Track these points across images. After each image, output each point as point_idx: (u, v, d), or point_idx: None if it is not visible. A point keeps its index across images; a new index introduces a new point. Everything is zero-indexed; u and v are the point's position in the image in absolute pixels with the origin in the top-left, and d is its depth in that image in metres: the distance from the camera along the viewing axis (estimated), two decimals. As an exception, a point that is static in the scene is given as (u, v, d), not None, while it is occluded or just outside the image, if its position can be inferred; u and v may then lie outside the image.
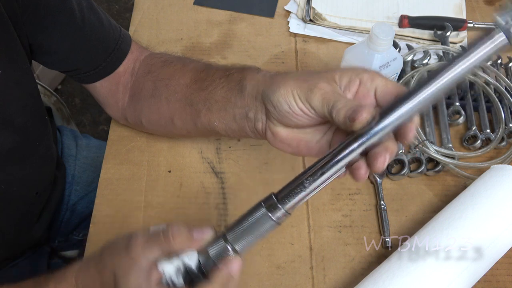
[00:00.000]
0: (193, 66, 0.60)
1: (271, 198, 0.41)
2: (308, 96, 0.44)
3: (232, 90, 0.53)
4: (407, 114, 0.39)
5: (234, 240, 0.42)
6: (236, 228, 0.42)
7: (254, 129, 0.51)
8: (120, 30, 0.64)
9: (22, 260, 0.76)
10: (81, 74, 0.62)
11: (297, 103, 0.45)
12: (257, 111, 0.50)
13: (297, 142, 0.48)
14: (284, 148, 0.50)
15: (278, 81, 0.47)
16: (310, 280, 0.59)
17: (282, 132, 0.48)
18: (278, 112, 0.46)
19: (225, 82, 0.54)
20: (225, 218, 0.63)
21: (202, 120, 0.57)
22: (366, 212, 0.65)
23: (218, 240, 0.42)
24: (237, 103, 0.52)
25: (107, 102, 0.67)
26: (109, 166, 0.68)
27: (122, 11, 1.98)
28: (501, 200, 0.57)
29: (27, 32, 0.55)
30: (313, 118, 0.45)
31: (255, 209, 0.42)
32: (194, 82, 0.58)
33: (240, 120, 0.52)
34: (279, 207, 0.41)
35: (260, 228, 0.41)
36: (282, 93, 0.45)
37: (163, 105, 0.61)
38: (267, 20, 0.87)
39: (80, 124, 1.70)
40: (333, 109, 0.42)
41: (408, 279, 0.52)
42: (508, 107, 0.73)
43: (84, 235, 0.80)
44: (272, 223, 0.41)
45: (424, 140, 0.68)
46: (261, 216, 0.41)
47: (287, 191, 0.41)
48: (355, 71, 0.44)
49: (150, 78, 0.62)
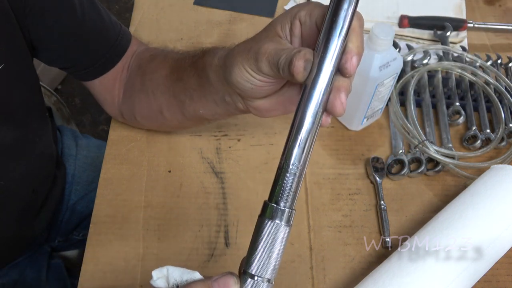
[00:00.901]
0: (171, 57, 0.60)
1: (266, 205, 0.37)
2: (258, 66, 0.42)
3: (201, 78, 0.52)
4: (337, 45, 0.36)
5: (259, 270, 0.37)
6: (253, 256, 0.37)
7: (237, 108, 0.51)
8: (120, 26, 0.64)
9: (22, 260, 0.76)
10: (81, 70, 0.63)
11: (253, 76, 0.43)
12: (231, 94, 0.49)
13: (282, 104, 0.47)
14: (273, 114, 0.49)
15: (230, 61, 0.45)
16: (310, 280, 0.59)
17: (262, 104, 0.48)
18: (245, 91, 0.45)
19: (194, 70, 0.54)
20: (225, 218, 0.63)
21: (188, 110, 0.57)
22: (366, 212, 0.65)
23: (244, 280, 0.37)
24: (211, 89, 0.52)
25: (105, 99, 0.67)
26: (109, 166, 0.68)
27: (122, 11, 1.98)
28: (501, 200, 0.57)
29: (29, 27, 0.55)
30: (276, 81, 0.44)
31: (259, 226, 0.37)
32: (172, 73, 0.58)
33: (221, 104, 0.52)
34: (280, 208, 0.37)
35: (276, 241, 0.37)
36: (237, 72, 0.44)
37: (151, 99, 0.61)
38: (267, 20, 0.87)
39: (80, 124, 1.70)
40: (279, 68, 0.40)
41: (408, 279, 0.52)
42: (508, 107, 0.73)
43: (84, 235, 0.80)
44: (284, 229, 0.37)
45: (424, 140, 0.68)
46: (268, 228, 0.37)
47: (277, 189, 0.37)
48: (292, 13, 0.42)
49: (139, 73, 0.63)
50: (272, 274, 0.37)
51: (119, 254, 0.60)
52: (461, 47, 0.82)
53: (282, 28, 0.43)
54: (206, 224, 0.63)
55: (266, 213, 0.37)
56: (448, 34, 0.83)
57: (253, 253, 0.37)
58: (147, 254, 0.60)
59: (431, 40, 0.85)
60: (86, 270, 0.59)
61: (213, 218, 0.64)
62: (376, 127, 0.73)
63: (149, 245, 0.61)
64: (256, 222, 0.38)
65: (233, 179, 0.67)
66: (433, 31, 0.85)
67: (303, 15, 0.41)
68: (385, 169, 0.68)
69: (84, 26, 0.59)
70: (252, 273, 0.37)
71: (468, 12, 0.89)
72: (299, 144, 0.37)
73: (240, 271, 0.38)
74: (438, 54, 0.81)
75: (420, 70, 0.75)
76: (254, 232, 0.37)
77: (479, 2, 0.93)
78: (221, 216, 0.64)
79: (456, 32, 0.85)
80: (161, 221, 0.63)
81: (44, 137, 0.68)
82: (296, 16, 0.41)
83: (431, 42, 0.85)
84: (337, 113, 0.38)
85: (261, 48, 0.42)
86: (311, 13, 0.41)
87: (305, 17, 0.41)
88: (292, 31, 0.42)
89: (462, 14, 0.88)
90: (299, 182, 0.37)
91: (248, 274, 0.37)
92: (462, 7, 0.90)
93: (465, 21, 0.85)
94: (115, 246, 0.61)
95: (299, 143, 0.37)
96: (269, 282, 0.37)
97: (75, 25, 0.58)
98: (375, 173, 0.67)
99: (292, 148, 0.37)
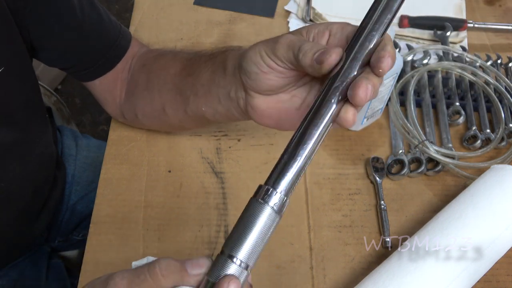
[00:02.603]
0: (182, 55, 0.61)
1: (260, 188, 0.35)
2: (273, 48, 0.43)
3: (216, 71, 0.53)
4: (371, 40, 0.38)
5: (233, 250, 0.33)
6: (233, 236, 0.34)
7: (238, 108, 0.51)
8: (120, 27, 0.65)
9: (22, 260, 0.76)
10: (81, 71, 0.63)
11: (264, 60, 0.44)
12: (237, 89, 0.50)
13: (277, 112, 0.48)
14: (267, 122, 0.49)
15: (249, 48, 0.47)
16: (310, 280, 0.59)
17: (260, 103, 0.48)
18: (249, 76, 0.46)
19: (210, 64, 0.54)
20: (225, 218, 0.63)
21: (191, 107, 0.57)
22: (366, 212, 0.65)
23: (218, 258, 0.34)
24: (220, 83, 0.52)
25: (105, 100, 0.67)
26: (109, 166, 0.68)
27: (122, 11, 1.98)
28: (501, 200, 0.57)
29: (29, 28, 0.55)
30: (283, 75, 0.44)
31: (248, 206, 0.35)
32: (183, 70, 0.59)
33: (224, 101, 0.52)
34: (272, 191, 0.35)
35: (259, 225, 0.34)
36: (251, 55, 0.45)
37: (156, 96, 0.61)
38: (267, 20, 0.87)
39: (80, 124, 1.70)
40: (299, 52, 0.41)
41: (408, 279, 0.52)
42: (508, 107, 0.73)
43: (84, 235, 0.80)
44: (270, 213, 0.34)
45: (424, 140, 0.68)
46: (255, 209, 0.34)
47: (276, 174, 0.36)
48: (323, 24, 0.44)
49: (144, 71, 0.63)
50: (247, 257, 0.34)
51: (119, 254, 0.60)
52: (461, 47, 0.82)
53: (307, 32, 0.44)
54: (206, 224, 0.63)
55: (258, 194, 0.35)
56: (448, 34, 0.83)
57: (243, 237, 0.34)
58: (147, 254, 0.60)
59: (431, 40, 0.85)
60: (86, 270, 0.59)
61: (213, 218, 0.64)
62: (376, 127, 0.73)
63: (149, 245, 0.61)
64: (248, 204, 0.35)
65: (233, 179, 0.67)
66: (433, 31, 0.85)
67: (335, 27, 0.43)
68: (385, 169, 0.68)
69: (83, 27, 0.59)
70: (226, 252, 0.34)
71: (468, 12, 0.89)
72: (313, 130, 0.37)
73: (225, 254, 0.34)
74: (438, 54, 0.81)
75: (420, 70, 0.75)
76: (247, 215, 0.34)
77: (479, 2, 0.93)
78: (221, 216, 0.64)
79: (456, 32, 0.85)
80: (161, 221, 0.63)
81: (44, 138, 0.68)
82: (327, 27, 0.43)
83: (431, 42, 0.85)
84: (359, 98, 0.37)
85: (283, 36, 0.43)
86: (343, 27, 0.43)
87: (336, 29, 0.43)
88: (318, 38, 0.43)
89: (462, 14, 0.88)
90: (300, 169, 0.36)
91: (223, 253, 0.34)
92: (462, 7, 0.90)
93: (465, 21, 0.85)
94: (115, 246, 0.61)
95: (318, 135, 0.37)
96: (244, 266, 0.34)
97: (75, 26, 0.58)
98: (375, 173, 0.67)
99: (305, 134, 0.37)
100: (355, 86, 0.37)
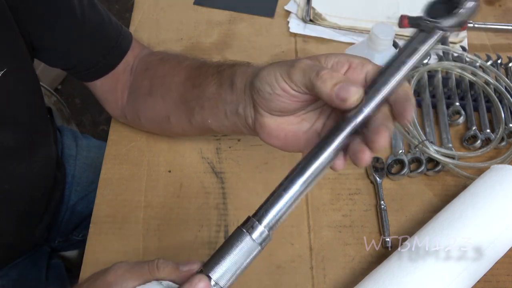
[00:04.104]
0: (188, 64, 0.60)
1: (248, 219, 0.38)
2: (289, 72, 0.43)
3: (223, 86, 0.53)
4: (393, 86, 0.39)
5: (210, 270, 0.37)
6: (214, 258, 0.38)
7: (246, 125, 0.51)
8: (121, 28, 0.64)
9: (22, 260, 0.76)
10: (81, 71, 0.63)
11: (278, 82, 0.44)
12: (246, 106, 0.50)
13: (284, 133, 0.48)
14: (273, 142, 0.49)
15: (263, 68, 0.46)
16: (310, 280, 0.59)
17: (269, 122, 0.48)
18: (262, 95, 0.46)
19: (217, 78, 0.54)
20: (225, 218, 0.63)
21: (196, 118, 0.57)
22: (366, 212, 0.65)
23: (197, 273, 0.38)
24: (227, 98, 0.52)
25: (106, 100, 0.67)
26: (109, 166, 0.68)
27: (122, 11, 1.98)
28: (501, 200, 0.57)
29: (29, 29, 0.55)
30: (296, 99, 0.44)
31: (233, 234, 0.38)
32: (188, 79, 0.58)
33: (231, 116, 0.52)
34: (256, 224, 0.37)
35: (238, 252, 0.37)
36: (264, 75, 0.45)
37: (159, 103, 0.61)
38: (267, 20, 0.87)
39: (80, 124, 1.70)
40: (317, 78, 0.40)
41: (408, 279, 0.52)
42: (508, 107, 0.73)
43: (84, 235, 0.80)
44: (251, 244, 0.37)
45: (424, 140, 0.68)
46: (237, 237, 0.37)
47: (264, 209, 0.38)
48: (343, 55, 0.43)
49: (147, 76, 0.63)
50: (220, 278, 0.38)
51: (119, 254, 0.60)
52: (461, 47, 0.82)
53: (326, 60, 0.43)
54: (206, 224, 0.63)
55: (245, 225, 0.38)
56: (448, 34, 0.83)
57: (216, 255, 0.38)
58: (147, 254, 0.60)
59: (431, 40, 0.85)
60: (86, 270, 0.59)
61: (213, 218, 0.64)
62: (376, 127, 0.73)
63: (149, 245, 0.61)
64: (234, 232, 0.38)
65: (233, 179, 0.67)
66: (433, 31, 0.84)
67: (356, 62, 0.42)
68: (385, 169, 0.68)
69: (84, 27, 0.59)
70: (213, 279, 0.37)
71: (468, 12, 0.89)
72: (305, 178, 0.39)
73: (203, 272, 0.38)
74: (438, 54, 0.81)
75: (420, 70, 0.75)
76: (230, 241, 0.38)
77: (479, 2, 0.93)
78: (221, 216, 0.64)
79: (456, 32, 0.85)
80: (161, 221, 0.63)
81: (45, 138, 0.68)
82: (348, 59, 0.43)
83: (431, 42, 0.85)
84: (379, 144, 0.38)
85: (299, 61, 0.43)
86: (364, 64, 0.42)
87: (357, 64, 0.42)
88: (337, 67, 0.43)
89: (462, 14, 0.88)
90: (287, 207, 0.38)
91: (201, 271, 0.38)
92: (462, 7, 0.90)
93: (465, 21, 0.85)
94: (115, 246, 0.61)
95: (306, 177, 0.39)
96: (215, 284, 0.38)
97: (75, 26, 0.58)
98: (375, 173, 0.67)
99: (295, 180, 0.39)
100: (377, 133, 0.38)
